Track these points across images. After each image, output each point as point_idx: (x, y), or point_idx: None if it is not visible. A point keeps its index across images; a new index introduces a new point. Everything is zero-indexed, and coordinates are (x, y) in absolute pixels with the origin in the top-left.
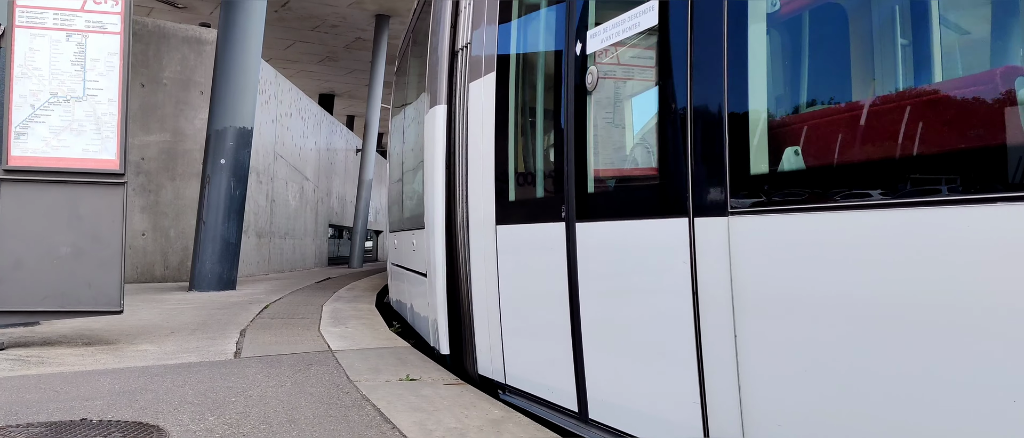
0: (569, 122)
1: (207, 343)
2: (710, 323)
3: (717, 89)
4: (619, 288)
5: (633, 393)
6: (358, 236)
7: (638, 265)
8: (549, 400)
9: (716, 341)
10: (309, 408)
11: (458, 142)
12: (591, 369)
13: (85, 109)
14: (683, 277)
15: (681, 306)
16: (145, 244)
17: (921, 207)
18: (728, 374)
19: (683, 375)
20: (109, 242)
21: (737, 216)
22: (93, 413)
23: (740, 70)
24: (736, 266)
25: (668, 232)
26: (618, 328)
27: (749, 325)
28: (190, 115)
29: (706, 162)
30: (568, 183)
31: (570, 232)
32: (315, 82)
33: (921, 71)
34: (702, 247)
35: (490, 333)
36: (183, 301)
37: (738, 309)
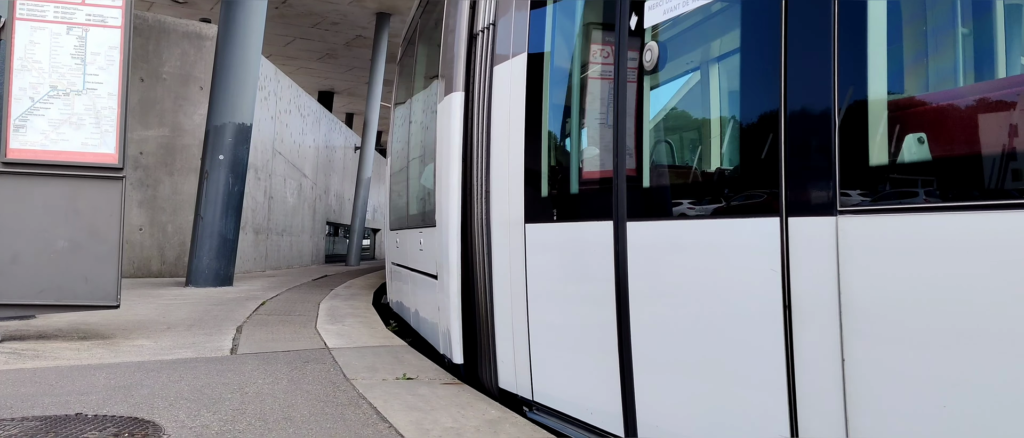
0: (620, 107)
1: (203, 339)
2: (807, 343)
3: (822, 61)
4: (679, 297)
5: (697, 420)
6: (356, 234)
7: (705, 272)
8: (588, 422)
9: (816, 365)
10: (305, 406)
11: (477, 133)
12: (642, 390)
13: (85, 103)
14: (771, 288)
15: (766, 322)
16: (142, 239)
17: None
18: (831, 405)
19: (765, 401)
20: (107, 236)
21: (851, 216)
22: (88, 408)
23: (854, 36)
24: (848, 276)
25: (751, 234)
26: (678, 344)
27: (866, 349)
28: (189, 110)
29: (807, 151)
30: (618, 177)
31: (620, 232)
32: (315, 79)
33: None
34: (798, 252)
35: (515, 343)
36: (179, 296)
37: (849, 329)
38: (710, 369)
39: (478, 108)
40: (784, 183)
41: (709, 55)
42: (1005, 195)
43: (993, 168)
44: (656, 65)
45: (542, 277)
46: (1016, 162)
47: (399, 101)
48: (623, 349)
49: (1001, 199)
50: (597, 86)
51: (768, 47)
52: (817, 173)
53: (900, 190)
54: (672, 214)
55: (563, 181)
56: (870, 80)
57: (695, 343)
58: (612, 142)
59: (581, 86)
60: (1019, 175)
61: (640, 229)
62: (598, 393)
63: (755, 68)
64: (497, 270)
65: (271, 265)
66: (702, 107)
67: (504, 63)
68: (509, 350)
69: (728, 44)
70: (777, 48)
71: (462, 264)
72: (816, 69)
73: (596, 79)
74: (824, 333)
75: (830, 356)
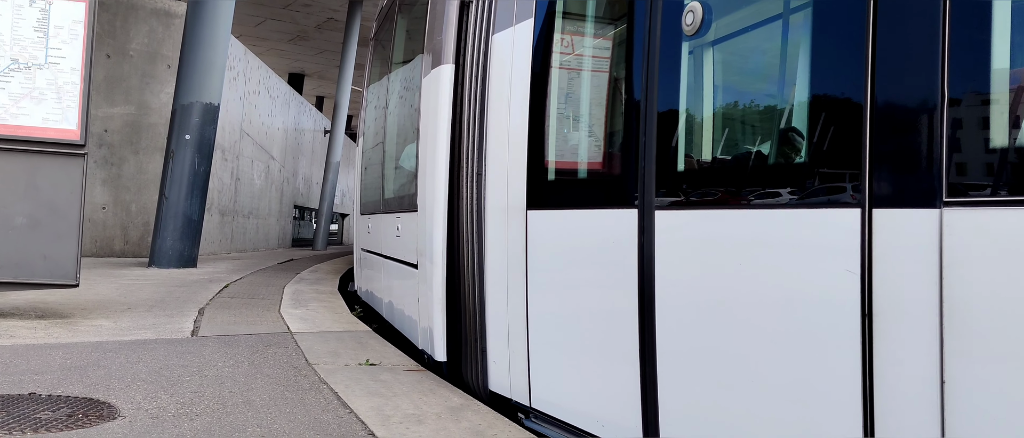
0: (651, 79)
1: (164, 320)
2: (894, 359)
3: (929, 14)
4: (719, 301)
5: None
6: (323, 218)
7: (753, 271)
8: (599, 435)
9: (903, 386)
10: (265, 390)
11: (469, 109)
12: (668, 403)
13: (46, 77)
14: (846, 292)
15: (838, 331)
16: (105, 218)
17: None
18: (924, 432)
19: (831, 428)
20: (66, 214)
21: (962, 209)
22: (43, 387)
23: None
24: (954, 282)
25: (820, 229)
26: (715, 354)
27: (975, 372)
28: (156, 88)
29: (900, 128)
30: (645, 159)
31: (645, 221)
32: (285, 61)
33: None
34: (885, 251)
35: (510, 342)
36: (142, 277)
37: (953, 346)
38: (759, 384)
39: (470, 82)
40: (868, 167)
41: (765, 14)
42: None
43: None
44: (698, 28)
45: (546, 270)
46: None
47: (373, 80)
48: (645, 355)
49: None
50: (620, 54)
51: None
52: (914, 156)
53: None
54: (712, 203)
55: (574, 164)
56: (994, 34)
57: (738, 353)
58: (639, 119)
59: (598, 55)
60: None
61: (671, 219)
62: (613, 404)
63: (830, 22)
64: (490, 260)
65: (236, 248)
66: (755, 76)
67: (505, 31)
68: (503, 349)
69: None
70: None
71: (447, 252)
72: (916, 19)
73: (620, 46)
74: (918, 349)
75: (925, 377)
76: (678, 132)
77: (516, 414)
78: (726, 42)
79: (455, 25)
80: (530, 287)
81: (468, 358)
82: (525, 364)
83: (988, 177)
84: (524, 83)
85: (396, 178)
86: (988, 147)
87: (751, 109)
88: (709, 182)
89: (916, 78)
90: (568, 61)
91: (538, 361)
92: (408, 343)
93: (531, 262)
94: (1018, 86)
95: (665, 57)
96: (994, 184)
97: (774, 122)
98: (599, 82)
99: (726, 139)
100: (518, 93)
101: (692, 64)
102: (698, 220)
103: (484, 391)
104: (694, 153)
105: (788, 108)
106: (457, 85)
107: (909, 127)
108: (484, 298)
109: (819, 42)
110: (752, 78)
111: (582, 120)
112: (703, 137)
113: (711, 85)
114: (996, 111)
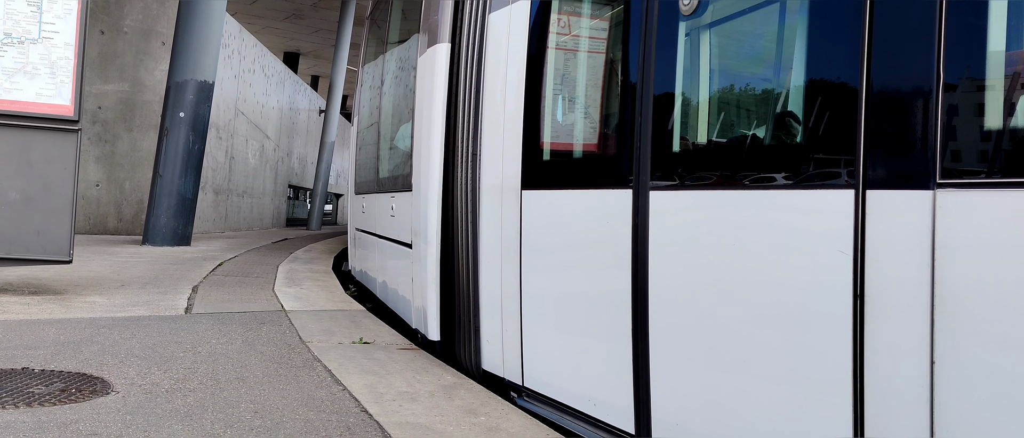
0: (647, 59)
1: (158, 297)
2: (884, 340)
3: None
4: (711, 280)
5: (728, 423)
6: (318, 198)
7: (746, 251)
8: (591, 415)
9: (894, 367)
10: (259, 367)
11: (464, 89)
12: (660, 382)
13: (40, 52)
14: (838, 272)
15: (829, 312)
16: (99, 195)
17: None
18: (914, 412)
19: (821, 408)
20: (60, 190)
21: (956, 191)
22: (36, 362)
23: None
24: (947, 264)
25: (813, 209)
26: (707, 334)
27: (965, 353)
28: (150, 66)
29: (895, 108)
30: (640, 139)
31: (640, 202)
32: (280, 39)
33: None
34: (879, 232)
35: (503, 321)
36: (136, 254)
37: (943, 327)
38: (751, 364)
39: (466, 62)
40: (862, 149)
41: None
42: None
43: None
44: (696, 8)
45: (540, 250)
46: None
47: (368, 60)
48: (638, 335)
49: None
50: (617, 35)
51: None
52: (908, 138)
53: (1021, 162)
54: (706, 184)
55: (569, 144)
56: (990, 18)
57: (730, 334)
58: (635, 100)
59: (595, 35)
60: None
61: (666, 200)
62: (605, 383)
63: (827, 4)
64: (484, 240)
65: (231, 226)
66: (751, 57)
67: (501, 10)
68: (496, 328)
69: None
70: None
71: (441, 232)
72: (912, 2)
73: (616, 26)
74: (908, 330)
75: (915, 358)
76: (674, 113)
77: (509, 393)
78: (723, 23)
79: (451, 4)
80: (524, 267)
81: (462, 337)
82: (518, 343)
83: (982, 159)
84: (520, 63)
85: (391, 158)
86: (983, 129)
87: (747, 90)
88: (704, 163)
89: (912, 60)
90: (565, 41)
91: (531, 340)
92: (402, 322)
93: (525, 242)
94: (1013, 70)
95: (662, 37)
96: (988, 166)
97: (769, 103)
98: (595, 62)
99: (721, 120)
100: (514, 73)
101: (689, 45)
102: (692, 201)
103: (477, 370)
104: (689, 134)
105: (784, 89)
106: (453, 65)
107: (904, 109)
108: (478, 278)
109: (816, 24)
110: (748, 59)
111: (578, 100)
112: (698, 118)
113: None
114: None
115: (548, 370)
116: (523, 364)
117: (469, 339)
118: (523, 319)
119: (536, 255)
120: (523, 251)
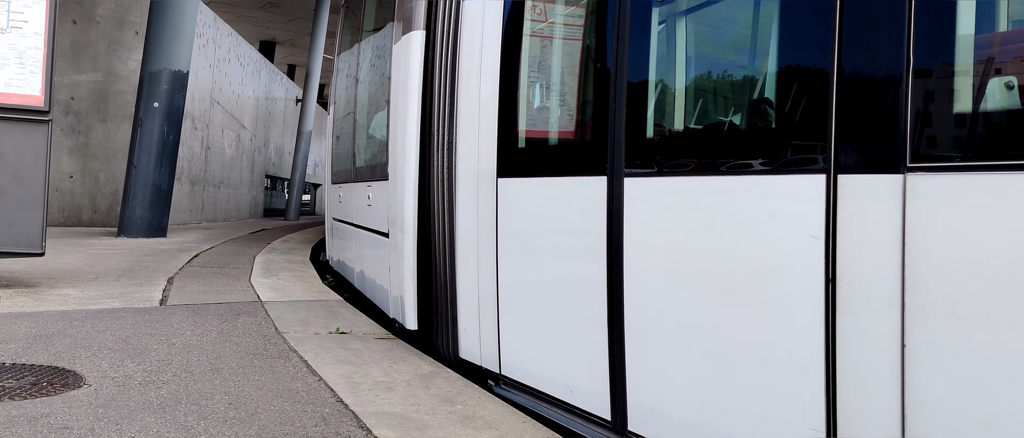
0: (620, 47)
1: (132, 289)
2: (856, 324)
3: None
4: (685, 266)
5: (704, 407)
6: (295, 188)
7: (719, 236)
8: (568, 402)
9: (865, 351)
10: (234, 358)
11: (440, 77)
12: (635, 369)
13: (8, 41)
14: (810, 257)
15: (801, 296)
16: (73, 187)
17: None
18: (885, 394)
19: (795, 391)
20: (31, 182)
21: (926, 175)
22: (7, 356)
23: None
24: (917, 247)
25: (785, 195)
26: (682, 319)
27: (934, 336)
28: (124, 56)
29: (865, 93)
30: (615, 126)
31: (615, 188)
32: (256, 28)
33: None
34: (850, 216)
35: (480, 310)
36: (110, 246)
37: (913, 310)
38: (725, 349)
39: (441, 49)
40: (834, 134)
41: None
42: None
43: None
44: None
45: (517, 238)
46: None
47: (344, 48)
48: (614, 321)
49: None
50: (591, 22)
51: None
52: (879, 122)
53: (989, 145)
54: (681, 170)
55: (544, 131)
56: (959, 3)
57: (705, 319)
58: (609, 87)
59: (570, 22)
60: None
61: (640, 186)
62: (582, 370)
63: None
64: (461, 228)
65: (207, 217)
66: (725, 44)
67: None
68: (473, 317)
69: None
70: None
71: (418, 221)
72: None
73: (591, 13)
74: (879, 314)
75: (886, 342)
76: (648, 100)
77: (486, 381)
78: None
79: None
80: (500, 255)
81: (439, 327)
82: (495, 332)
83: (952, 143)
84: (495, 50)
85: (367, 147)
86: (953, 113)
87: (720, 77)
88: (678, 150)
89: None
90: (540, 28)
91: (508, 329)
92: (380, 312)
93: (501, 230)
94: (982, 54)
95: (636, 24)
96: (958, 150)
97: (743, 90)
98: (570, 49)
99: (694, 107)
100: (489, 60)
101: (663, 32)
102: (667, 187)
103: (455, 359)
104: (664, 121)
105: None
106: (428, 52)
107: (875, 94)
108: (455, 266)
109: (788, 10)
110: (722, 46)
111: (553, 88)
112: (673, 105)
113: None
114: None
115: (525, 358)
116: (500, 352)
117: (446, 328)
118: (500, 307)
119: (512, 243)
120: (499, 239)
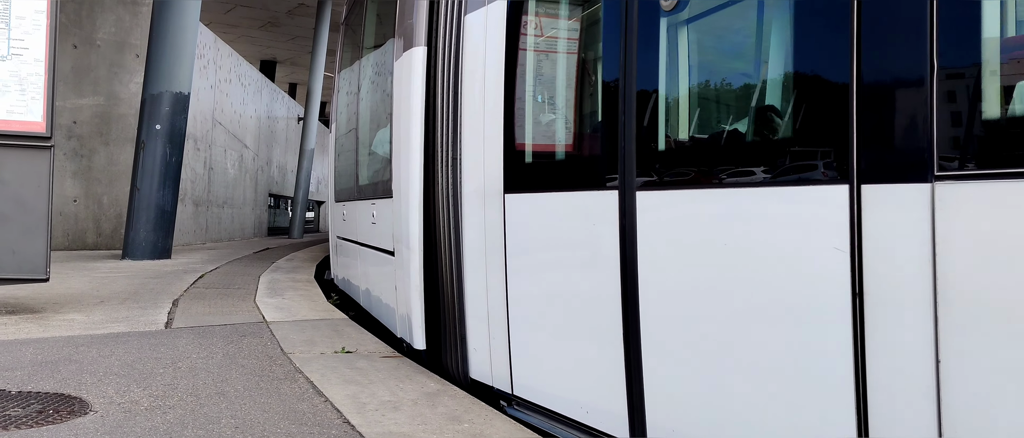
0: (629, 57)
1: (137, 313)
2: (886, 339)
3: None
4: (702, 281)
5: (726, 428)
6: (299, 206)
7: (737, 250)
8: (584, 422)
9: (897, 367)
10: (240, 380)
11: (442, 92)
12: (654, 387)
13: (9, 68)
14: (835, 270)
15: (827, 311)
16: (77, 210)
17: None
18: (919, 411)
19: (823, 409)
20: (34, 208)
21: (955, 183)
22: (12, 384)
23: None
24: (948, 259)
25: (807, 206)
26: (700, 337)
27: (971, 350)
28: (125, 79)
29: (889, 100)
30: (625, 139)
31: (626, 203)
32: (256, 48)
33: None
34: (874, 226)
35: (490, 328)
36: (115, 269)
37: (947, 324)
38: (747, 367)
39: (444, 65)
40: (855, 142)
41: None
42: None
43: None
44: (676, 3)
45: (526, 255)
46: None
47: (344, 66)
48: (629, 339)
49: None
50: (596, 33)
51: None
52: (904, 130)
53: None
54: (695, 182)
55: (552, 146)
56: (984, 2)
57: (725, 335)
58: (618, 99)
59: (575, 34)
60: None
61: (653, 200)
62: (597, 389)
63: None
64: (468, 246)
65: (211, 238)
66: (737, 52)
67: (478, 11)
68: (483, 335)
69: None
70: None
71: (424, 239)
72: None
73: (596, 25)
74: (910, 327)
75: (919, 357)
76: (658, 111)
77: (499, 402)
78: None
79: (426, 6)
80: (509, 272)
81: (448, 346)
82: (506, 351)
83: (981, 150)
84: (498, 65)
85: (370, 164)
86: (981, 119)
87: (733, 86)
88: (691, 161)
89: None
90: (543, 42)
91: (519, 347)
92: (386, 331)
93: (510, 247)
94: (1009, 56)
95: (643, 35)
96: (988, 157)
97: (758, 99)
98: (573, 62)
99: (708, 117)
100: (492, 75)
101: (671, 41)
102: (681, 200)
103: (465, 379)
104: (675, 132)
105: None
106: (430, 68)
107: (898, 100)
108: (462, 284)
109: (803, 15)
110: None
111: (559, 101)
112: (684, 116)
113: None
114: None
115: (538, 377)
116: (512, 372)
117: (455, 347)
118: (510, 326)
119: (522, 260)
120: (508, 256)
